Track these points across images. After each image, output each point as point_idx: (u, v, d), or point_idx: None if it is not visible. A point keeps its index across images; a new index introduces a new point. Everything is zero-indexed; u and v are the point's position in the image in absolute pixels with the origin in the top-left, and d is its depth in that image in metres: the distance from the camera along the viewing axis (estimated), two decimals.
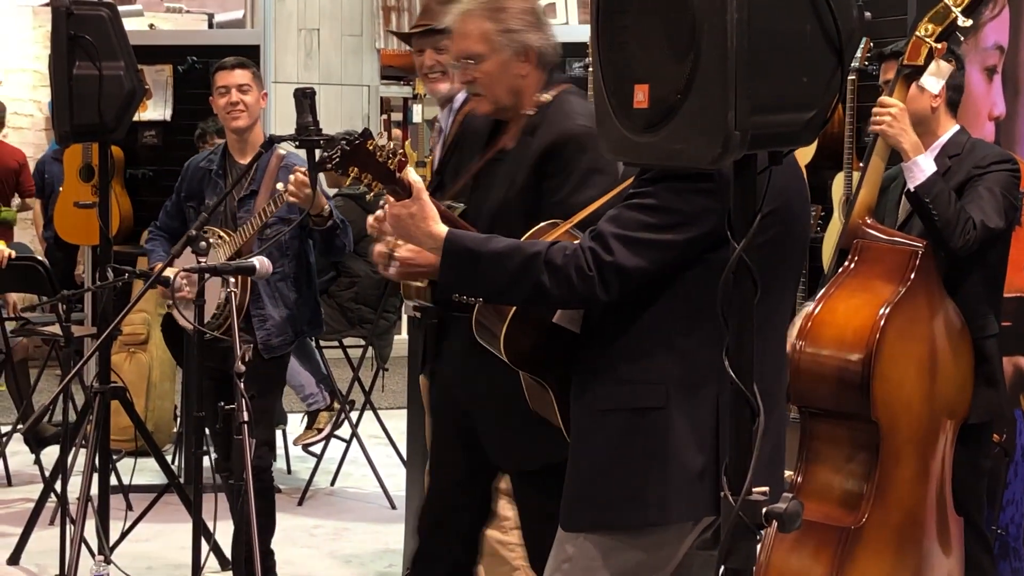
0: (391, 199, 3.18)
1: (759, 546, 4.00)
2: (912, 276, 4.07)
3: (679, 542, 2.92)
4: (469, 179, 3.88)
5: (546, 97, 3.76)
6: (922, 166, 4.22)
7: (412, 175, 3.17)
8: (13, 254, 7.51)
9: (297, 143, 4.21)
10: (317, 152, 4.24)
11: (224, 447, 5.06)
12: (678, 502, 2.85)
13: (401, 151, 3.18)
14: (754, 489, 2.23)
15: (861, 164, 4.53)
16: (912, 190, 4.22)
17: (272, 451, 5.35)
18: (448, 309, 3.86)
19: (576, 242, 2.93)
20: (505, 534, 4.61)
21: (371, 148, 3.17)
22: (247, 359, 5.05)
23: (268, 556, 5.33)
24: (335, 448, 7.72)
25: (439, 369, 4.00)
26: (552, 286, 2.88)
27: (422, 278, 3.74)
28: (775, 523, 2.24)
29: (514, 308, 3.10)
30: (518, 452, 3.78)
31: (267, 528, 5.30)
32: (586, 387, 3.00)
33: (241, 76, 5.44)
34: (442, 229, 3.09)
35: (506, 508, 4.65)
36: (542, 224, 3.33)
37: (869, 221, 4.29)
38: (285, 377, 5.43)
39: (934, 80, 4.30)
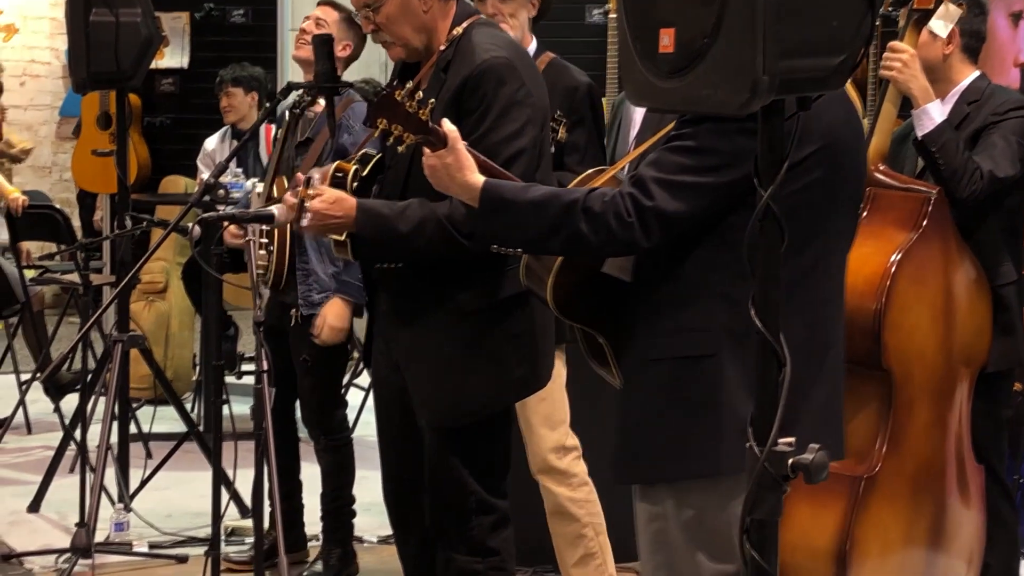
0: (427, 151, 3.12)
1: None
2: (925, 223, 4.03)
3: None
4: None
5: (457, 30, 3.65)
6: (931, 114, 4.18)
7: (447, 124, 3.11)
8: (26, 201, 7.51)
9: (315, 90, 4.17)
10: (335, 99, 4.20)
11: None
12: (729, 452, 2.76)
13: (432, 101, 3.13)
14: (780, 440, 2.21)
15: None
16: (919, 138, 4.19)
17: (340, 407, 5.31)
18: (371, 266, 3.80)
19: (616, 188, 2.86)
20: (574, 491, 4.56)
21: (399, 99, 3.12)
22: (298, 320, 5.01)
23: (348, 507, 5.31)
24: (354, 396, 7.72)
25: (374, 332, 3.91)
26: (590, 233, 2.82)
27: (336, 231, 3.63)
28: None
29: (560, 258, 3.01)
30: (450, 407, 3.69)
31: (344, 481, 5.27)
32: (635, 337, 2.93)
33: (323, 12, 5.27)
34: (478, 179, 3.02)
35: (574, 464, 4.60)
36: (588, 172, 3.27)
37: (881, 168, 4.24)
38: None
39: (942, 24, 4.24)
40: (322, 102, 5.02)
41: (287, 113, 5.14)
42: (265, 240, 4.80)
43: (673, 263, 2.86)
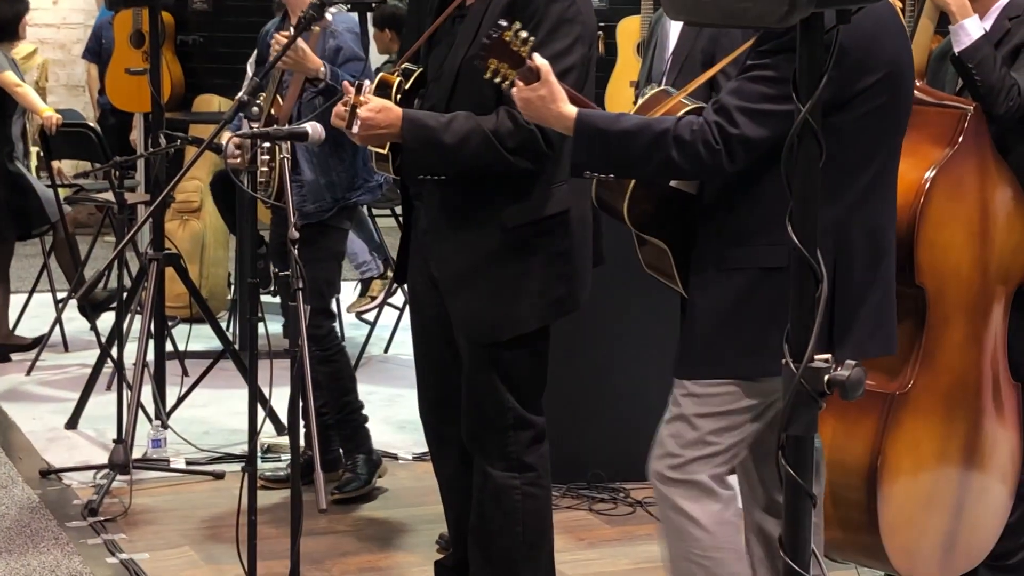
0: (520, 83, 3.21)
1: None
2: (961, 139, 3.99)
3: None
4: (424, 40, 3.77)
5: None
6: (968, 30, 4.14)
7: (539, 59, 3.21)
8: (60, 119, 7.51)
9: (349, 6, 4.14)
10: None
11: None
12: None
13: (531, 37, 3.18)
14: (816, 356, 2.20)
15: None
16: (956, 54, 4.15)
17: (328, 318, 5.31)
18: (411, 181, 3.80)
19: (700, 117, 3.07)
20: None
21: (507, 39, 3.19)
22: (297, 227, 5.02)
23: (356, 412, 5.33)
24: (388, 315, 7.76)
25: (412, 247, 3.92)
26: (681, 160, 3.07)
27: (381, 141, 3.66)
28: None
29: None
30: (489, 324, 3.70)
31: (343, 388, 5.29)
32: (713, 248, 3.23)
33: None
34: (572, 110, 3.19)
35: None
36: (653, 92, 3.38)
37: (918, 84, 4.20)
38: (337, 247, 5.33)
39: None
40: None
41: (271, 35, 5.14)
42: (267, 157, 4.80)
43: (751, 182, 3.13)
